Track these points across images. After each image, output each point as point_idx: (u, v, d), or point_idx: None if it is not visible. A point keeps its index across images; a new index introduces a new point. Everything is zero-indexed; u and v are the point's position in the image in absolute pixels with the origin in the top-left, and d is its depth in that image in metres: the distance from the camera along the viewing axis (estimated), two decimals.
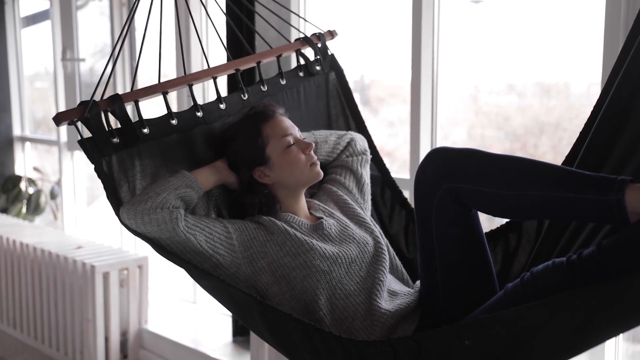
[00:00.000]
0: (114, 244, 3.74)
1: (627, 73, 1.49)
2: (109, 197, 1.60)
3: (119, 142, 1.62)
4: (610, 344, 2.12)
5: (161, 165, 1.68)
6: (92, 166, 1.61)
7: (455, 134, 2.74)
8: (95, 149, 1.60)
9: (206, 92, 3.41)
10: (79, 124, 1.61)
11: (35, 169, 4.73)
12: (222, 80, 2.98)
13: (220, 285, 1.53)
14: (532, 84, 2.58)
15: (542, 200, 1.37)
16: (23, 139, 4.79)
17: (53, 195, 4.51)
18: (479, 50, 2.61)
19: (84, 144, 1.60)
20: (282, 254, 1.62)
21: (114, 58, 1.69)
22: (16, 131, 4.77)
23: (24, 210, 4.58)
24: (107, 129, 1.62)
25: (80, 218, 4.41)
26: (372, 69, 3.12)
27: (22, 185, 4.61)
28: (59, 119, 1.59)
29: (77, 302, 3.38)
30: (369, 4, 2.93)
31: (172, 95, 3.70)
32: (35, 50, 4.79)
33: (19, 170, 4.78)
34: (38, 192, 4.54)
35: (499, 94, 2.69)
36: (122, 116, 1.64)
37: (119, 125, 1.64)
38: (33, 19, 4.76)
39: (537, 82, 2.57)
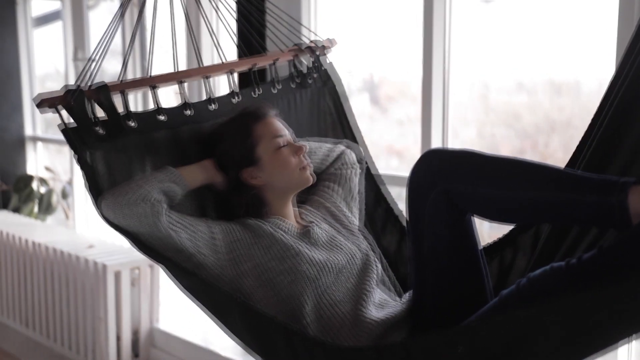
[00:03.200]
0: (125, 243, 3.74)
1: (633, 73, 1.44)
2: (88, 188, 1.55)
3: (103, 133, 1.57)
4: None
5: (146, 161, 1.63)
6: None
7: (465, 133, 2.73)
8: (78, 138, 1.54)
9: (217, 90, 3.41)
10: (63, 111, 1.55)
11: (47, 168, 4.76)
12: (224, 82, 2.99)
13: (200, 285, 1.48)
14: (543, 82, 2.57)
15: (539, 202, 1.32)
16: (35, 139, 4.81)
17: (64, 195, 4.53)
18: (489, 49, 2.60)
19: (66, 132, 1.54)
20: (267, 258, 1.57)
21: (102, 48, 1.65)
22: (28, 131, 4.79)
23: (35, 209, 4.60)
24: (91, 119, 1.56)
25: (91, 217, 4.42)
26: (382, 68, 3.11)
27: (34, 184, 4.63)
28: (41, 102, 1.53)
29: (89, 301, 3.39)
30: (379, 2, 2.93)
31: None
32: (46, 51, 4.81)
33: (30, 169, 4.80)
34: (50, 192, 4.56)
35: (509, 92, 2.68)
36: (108, 106, 1.58)
37: (105, 117, 1.59)
38: (44, 19, 4.78)
39: (547, 80, 2.55)
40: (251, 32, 1.94)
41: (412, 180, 1.47)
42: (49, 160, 4.87)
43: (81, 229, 4.39)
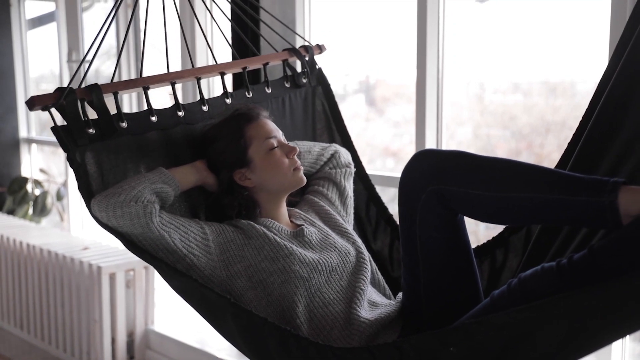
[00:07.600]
0: (120, 245, 3.73)
1: (622, 72, 1.44)
2: (80, 188, 1.55)
3: (94, 133, 1.57)
4: (617, 344, 2.11)
5: (138, 162, 1.63)
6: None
7: (460, 134, 2.74)
8: (69, 137, 1.54)
9: (211, 91, 3.41)
10: (54, 110, 1.55)
11: (42, 170, 4.75)
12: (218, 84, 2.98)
13: (192, 286, 1.47)
14: (538, 82, 2.58)
15: (531, 202, 1.31)
16: (29, 141, 4.80)
17: (59, 197, 4.52)
18: (485, 49, 2.61)
19: (57, 131, 1.54)
20: (259, 259, 1.57)
21: (94, 48, 1.65)
22: (22, 133, 4.78)
23: (30, 211, 4.59)
24: (82, 118, 1.56)
25: (86, 219, 4.41)
26: (378, 69, 3.12)
27: (29, 186, 4.62)
28: (33, 102, 1.53)
29: (84, 303, 3.38)
30: (374, 3, 2.93)
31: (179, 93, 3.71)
32: (41, 52, 4.80)
33: (25, 171, 4.79)
34: (44, 194, 4.55)
35: (505, 93, 2.69)
36: (99, 107, 1.58)
37: (97, 117, 1.59)
38: (39, 21, 4.77)
39: (542, 81, 2.56)
40: (245, 35, 1.96)
41: (404, 180, 1.46)
42: (44, 162, 4.86)
43: (76, 230, 4.38)
